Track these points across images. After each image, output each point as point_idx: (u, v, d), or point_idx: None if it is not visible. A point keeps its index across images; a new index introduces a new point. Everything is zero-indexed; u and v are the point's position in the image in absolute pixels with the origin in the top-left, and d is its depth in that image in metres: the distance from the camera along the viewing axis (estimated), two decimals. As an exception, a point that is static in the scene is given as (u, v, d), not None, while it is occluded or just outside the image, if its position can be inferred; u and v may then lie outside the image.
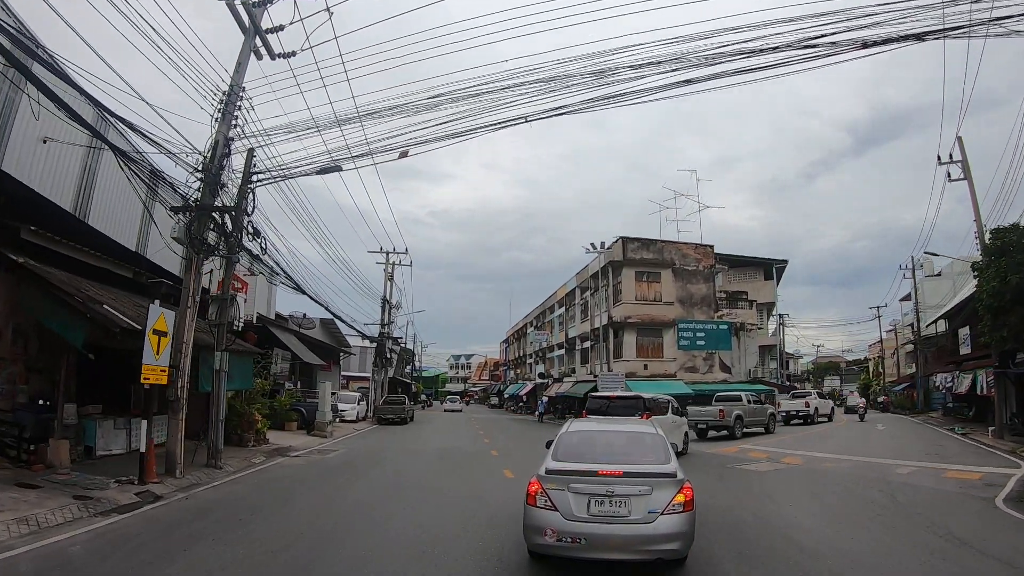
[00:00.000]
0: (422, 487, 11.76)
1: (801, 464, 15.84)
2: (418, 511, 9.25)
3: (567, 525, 5.64)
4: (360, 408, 35.63)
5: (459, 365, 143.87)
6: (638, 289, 35.57)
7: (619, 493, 5.70)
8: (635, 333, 34.89)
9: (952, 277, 47.88)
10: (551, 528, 5.67)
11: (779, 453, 18.39)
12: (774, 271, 43.39)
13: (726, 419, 23.69)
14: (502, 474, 13.80)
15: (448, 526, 8.20)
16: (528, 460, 16.55)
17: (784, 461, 16.52)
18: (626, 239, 36.53)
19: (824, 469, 14.75)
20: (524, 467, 14.76)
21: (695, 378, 35.21)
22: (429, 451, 19.43)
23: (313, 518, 8.60)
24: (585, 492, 5.75)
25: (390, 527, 8.12)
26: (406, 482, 12.39)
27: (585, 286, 41.53)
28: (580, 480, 5.82)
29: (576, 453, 6.50)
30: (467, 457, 17.64)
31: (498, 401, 79.27)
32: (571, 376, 43.84)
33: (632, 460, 6.21)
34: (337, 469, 14.63)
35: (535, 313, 60.76)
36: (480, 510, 9.35)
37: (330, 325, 42.72)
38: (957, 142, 24.16)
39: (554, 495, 5.80)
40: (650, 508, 5.64)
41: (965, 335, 28.84)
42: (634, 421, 9.59)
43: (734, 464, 15.94)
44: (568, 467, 6.05)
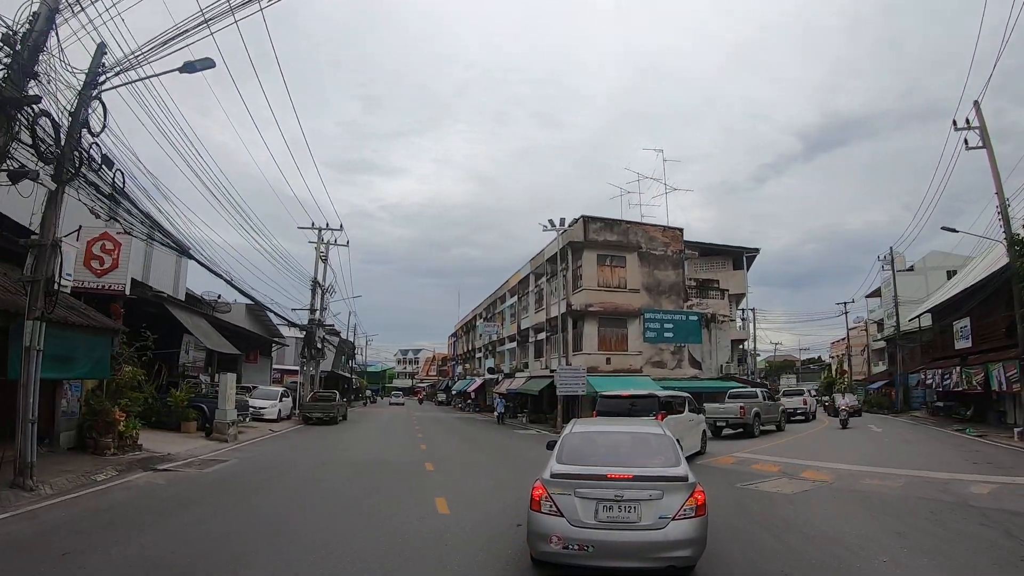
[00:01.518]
0: (306, 534, 7.56)
1: (831, 481, 12.30)
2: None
3: (574, 532, 5.39)
4: (283, 405, 31.35)
5: (407, 360, 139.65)
6: (600, 274, 31.65)
7: (629, 498, 5.45)
8: (596, 323, 30.98)
9: (924, 272, 45.93)
10: (557, 535, 5.43)
11: (789, 465, 14.74)
12: (744, 260, 40.12)
13: (746, 416, 23.07)
14: (433, 506, 9.57)
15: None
16: (474, 479, 12.53)
17: (806, 476, 12.94)
18: (588, 218, 32.60)
19: (870, 489, 11.24)
20: (469, 494, 10.88)
21: (662, 374, 31.55)
22: (346, 463, 15.23)
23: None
24: (593, 497, 5.50)
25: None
26: (286, 524, 8.18)
27: (540, 272, 37.46)
28: (588, 484, 5.58)
29: (581, 455, 6.19)
30: (392, 474, 13.33)
31: (445, 398, 75.28)
32: (524, 371, 39.78)
33: (640, 463, 5.94)
34: (204, 494, 10.57)
35: (485, 304, 56.58)
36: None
37: (259, 312, 37.90)
38: (974, 108, 21.06)
39: (560, 500, 5.56)
40: (661, 513, 5.38)
41: (964, 328, 25.97)
42: (642, 421, 9.02)
43: (744, 482, 12.18)
44: (575, 470, 5.80)
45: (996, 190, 19.82)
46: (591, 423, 8.10)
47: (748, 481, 12.29)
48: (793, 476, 13.01)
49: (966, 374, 25.35)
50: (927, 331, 35.73)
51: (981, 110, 20.88)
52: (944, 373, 28.38)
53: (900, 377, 38.55)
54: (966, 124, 21.19)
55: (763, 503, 10.19)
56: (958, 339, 27.42)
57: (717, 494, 10.56)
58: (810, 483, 12.15)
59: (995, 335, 23.50)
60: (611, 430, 7.34)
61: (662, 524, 5.37)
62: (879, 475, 12.90)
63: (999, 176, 19.92)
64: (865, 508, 9.61)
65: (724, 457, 16.56)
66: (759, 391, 26.68)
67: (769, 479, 12.63)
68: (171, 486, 11.18)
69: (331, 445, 20.03)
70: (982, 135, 20.74)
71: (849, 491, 11.19)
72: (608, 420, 11.00)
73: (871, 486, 11.64)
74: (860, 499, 10.40)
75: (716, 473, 13.60)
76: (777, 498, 10.61)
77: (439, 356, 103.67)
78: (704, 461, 15.73)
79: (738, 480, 12.46)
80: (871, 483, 11.96)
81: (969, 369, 25.12)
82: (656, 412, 14.73)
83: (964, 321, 26.49)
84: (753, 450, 18.19)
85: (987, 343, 24.53)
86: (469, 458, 16.83)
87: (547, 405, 33.63)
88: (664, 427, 7.23)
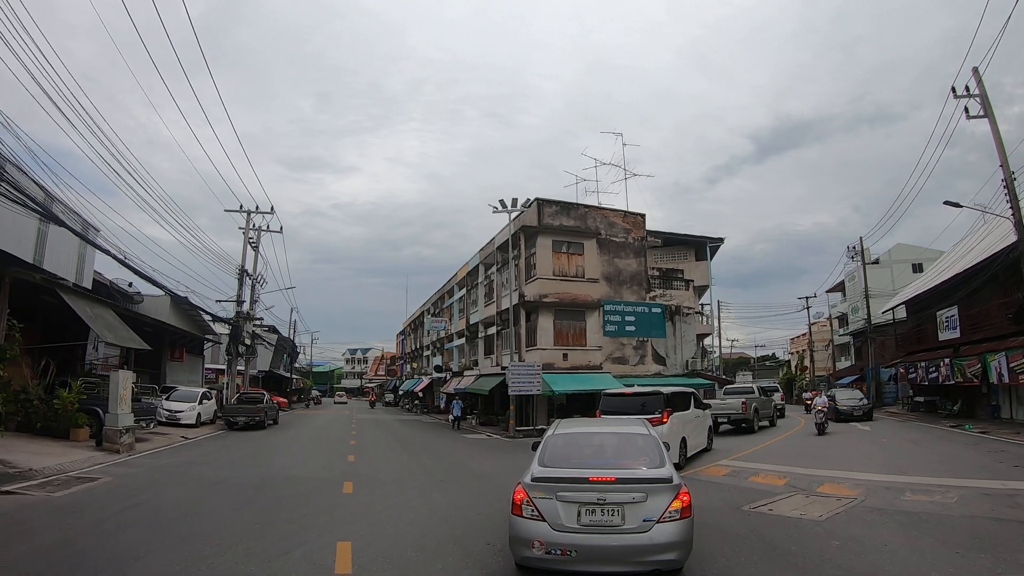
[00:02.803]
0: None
1: (861, 497, 9.73)
2: None
3: (556, 536, 5.27)
4: (204, 409, 27.72)
5: (355, 359, 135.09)
6: (556, 262, 28.75)
7: (611, 501, 5.32)
8: (552, 315, 28.07)
9: (890, 265, 44.64)
10: (539, 540, 5.30)
11: (796, 476, 12.14)
12: (707, 250, 37.81)
13: (747, 412, 23.15)
14: (329, 561, 6.41)
15: None
16: (402, 508, 9.46)
17: (826, 492, 10.30)
18: (542, 201, 29.66)
19: (920, 509, 8.77)
20: (389, 536, 7.65)
21: (624, 371, 28.87)
22: (247, 482, 11.94)
23: None
24: (575, 500, 5.37)
25: None
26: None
27: (490, 261, 34.36)
28: (569, 488, 5.44)
29: (564, 458, 6.07)
30: (297, 500, 10.07)
31: (393, 398, 71.53)
32: (473, 369, 36.64)
33: (625, 464, 5.89)
34: (19, 532, 7.57)
35: (433, 299, 53.26)
36: None
37: (187, 307, 33.88)
38: (973, 75, 18.91)
39: (541, 504, 5.42)
40: (645, 516, 5.26)
41: (951, 317, 24.00)
42: (628, 421, 8.37)
43: (752, 502, 9.48)
44: (556, 473, 5.67)
45: (1001, 162, 17.65)
46: (575, 424, 7.81)
47: (756, 501, 9.54)
48: (809, 492, 10.31)
49: (957, 366, 23.35)
50: (901, 323, 34.11)
51: (981, 78, 18.76)
52: (929, 366, 26.39)
53: (870, 372, 36.81)
54: (966, 92, 19.08)
55: (790, 535, 7.41)
56: (943, 330, 25.53)
57: (724, 523, 7.90)
58: (836, 501, 9.48)
59: (990, 323, 21.62)
60: (595, 431, 7.28)
61: (646, 527, 5.23)
62: (917, 487, 10.34)
63: (1004, 147, 17.74)
64: (934, 539, 7.04)
65: (711, 467, 13.80)
66: (755, 386, 27.42)
67: (781, 497, 9.92)
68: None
69: (242, 457, 16.79)
70: (983, 103, 18.63)
71: (894, 512, 8.55)
72: (593, 421, 10.73)
73: (919, 504, 9.02)
74: (917, 525, 7.77)
75: (710, 490, 10.79)
76: (806, 526, 7.89)
77: (388, 355, 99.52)
78: (690, 472, 12.94)
79: (743, 499, 9.70)
80: (915, 499, 9.36)
81: (961, 360, 23.11)
82: (662, 410, 14.25)
83: (951, 310, 24.57)
84: (742, 457, 15.54)
85: (980, 332, 22.65)
86: (403, 473, 13.66)
87: (499, 406, 30.63)
88: (649, 427, 7.05)
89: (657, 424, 13.80)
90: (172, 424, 24.91)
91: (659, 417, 13.98)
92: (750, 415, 23.10)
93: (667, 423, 14.00)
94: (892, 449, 16.85)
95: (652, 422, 14.49)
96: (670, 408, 14.66)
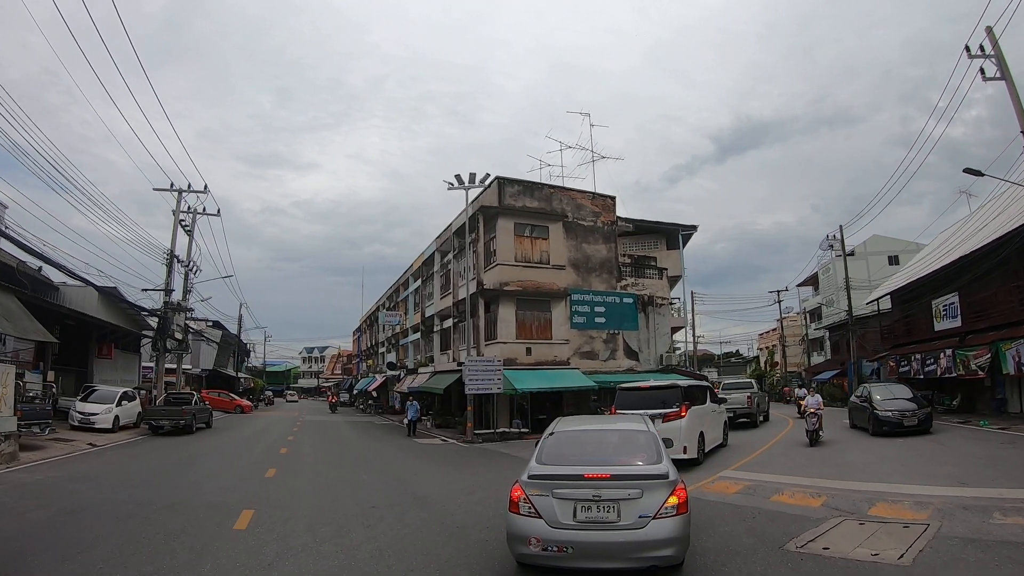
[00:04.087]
0: None
1: (932, 520, 7.52)
2: None
3: (552, 533, 5.32)
4: (125, 411, 24.63)
5: (312, 358, 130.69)
6: (519, 247, 25.95)
7: (607, 497, 5.35)
8: (514, 305, 25.26)
9: (866, 257, 43.13)
10: (535, 537, 5.35)
11: (829, 492, 9.73)
12: (680, 238, 35.45)
13: (752, 406, 23.30)
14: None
15: None
16: (304, 556, 6.71)
17: (883, 515, 8.01)
18: (504, 180, 26.89)
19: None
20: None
21: (593, 366, 26.25)
22: (118, 511, 9.15)
23: None
24: (571, 497, 5.40)
25: None
26: None
27: (447, 249, 31.42)
28: (564, 484, 5.49)
29: (561, 455, 6.10)
30: (159, 544, 7.17)
31: (349, 398, 67.95)
32: (428, 366, 33.64)
33: (622, 461, 5.93)
34: None
35: (388, 292, 50.05)
36: None
37: (114, 297, 30.31)
38: (988, 35, 16.79)
39: (537, 501, 5.47)
40: (641, 512, 5.27)
41: (951, 305, 21.97)
42: (627, 418, 8.41)
43: (790, 535, 7.18)
44: (551, 471, 5.74)
45: (1021, 128, 15.45)
46: (574, 422, 7.82)
47: (797, 533, 7.11)
48: (860, 515, 7.91)
49: (961, 357, 21.29)
50: (886, 315, 32.30)
51: (996, 38, 16.62)
52: (926, 358, 24.36)
53: (852, 366, 34.89)
54: (980, 51, 16.95)
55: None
56: (940, 319, 23.59)
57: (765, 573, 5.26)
58: (904, 529, 7.07)
59: (997, 310, 19.68)
60: (593, 428, 7.35)
61: (642, 523, 5.22)
62: (998, 504, 7.97)
63: (1021, 105, 15.56)
64: None
65: (717, 481, 11.22)
66: (753, 381, 27.56)
67: (827, 525, 7.46)
68: None
69: (140, 472, 13.80)
70: (999, 63, 16.51)
71: (998, 544, 6.29)
72: (592, 418, 11.28)
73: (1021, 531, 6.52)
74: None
75: (728, 516, 8.28)
76: (888, 574, 5.51)
77: (344, 353, 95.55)
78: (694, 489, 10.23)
79: (778, 531, 7.23)
80: (1013, 523, 6.95)
81: (966, 351, 21.04)
82: (680, 403, 13.90)
83: (950, 298, 22.60)
84: (747, 465, 13.06)
85: (986, 320, 20.67)
86: (326, 496, 10.71)
87: (457, 407, 27.70)
88: (649, 423, 7.03)
89: (675, 418, 13.61)
90: (86, 429, 21.95)
91: (677, 411, 13.71)
92: (754, 410, 23.43)
93: (685, 417, 13.66)
94: (919, 451, 14.43)
95: (670, 416, 13.61)
96: (688, 402, 14.18)
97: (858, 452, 14.88)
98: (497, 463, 15.85)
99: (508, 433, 22.83)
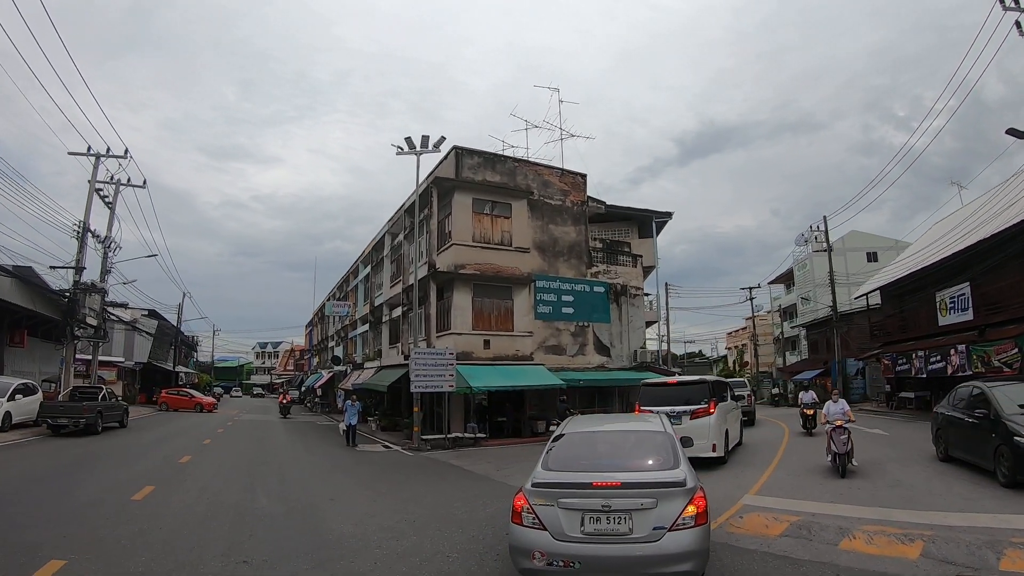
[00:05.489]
0: None
1: None
2: None
3: (557, 546, 4.82)
4: (20, 407, 21.52)
5: (265, 354, 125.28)
6: (478, 225, 22.76)
7: (618, 507, 4.82)
8: (471, 292, 22.06)
9: (844, 253, 41.17)
10: (540, 550, 4.85)
11: (914, 528, 6.71)
12: (653, 226, 32.66)
13: (751, 405, 23.13)
14: None
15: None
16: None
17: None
18: (462, 149, 23.70)
19: None
20: None
21: (560, 362, 23.25)
22: None
23: None
24: (578, 508, 4.88)
25: None
26: None
27: (397, 229, 28.08)
28: (570, 494, 4.96)
29: (570, 460, 5.62)
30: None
31: (299, 396, 63.85)
32: (375, 360, 30.20)
33: (635, 466, 5.47)
34: None
35: (339, 282, 46.40)
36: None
37: (28, 280, 26.50)
38: None
39: (541, 511, 4.97)
40: (655, 524, 4.74)
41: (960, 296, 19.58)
42: (640, 418, 7.71)
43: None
44: (556, 478, 5.22)
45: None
46: (586, 422, 7.19)
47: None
48: (992, 571, 5.34)
49: (979, 353, 18.88)
50: (876, 311, 30.10)
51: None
52: (930, 354, 21.97)
53: (836, 365, 32.62)
54: (1015, 3, 14.48)
55: None
56: (946, 313, 21.26)
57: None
58: None
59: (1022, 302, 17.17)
60: (605, 430, 6.82)
61: (657, 536, 4.73)
62: None
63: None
64: None
65: (745, 515, 8.21)
66: (747, 380, 28.09)
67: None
68: None
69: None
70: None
71: None
72: (606, 418, 11.38)
73: None
74: None
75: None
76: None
77: (297, 348, 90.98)
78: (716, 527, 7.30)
79: None
80: None
81: (985, 347, 18.63)
82: (708, 399, 13.49)
83: (959, 289, 20.25)
84: (770, 487, 10.07)
85: (1005, 312, 18.30)
86: (190, 535, 7.41)
87: (407, 407, 24.31)
88: (667, 423, 6.53)
89: (704, 415, 13.13)
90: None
91: (706, 408, 13.28)
92: (753, 408, 23.50)
93: (714, 413, 13.23)
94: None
95: (699, 413, 13.16)
96: (715, 399, 13.66)
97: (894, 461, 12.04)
98: (443, 482, 12.61)
99: (461, 439, 19.59)
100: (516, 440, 20.89)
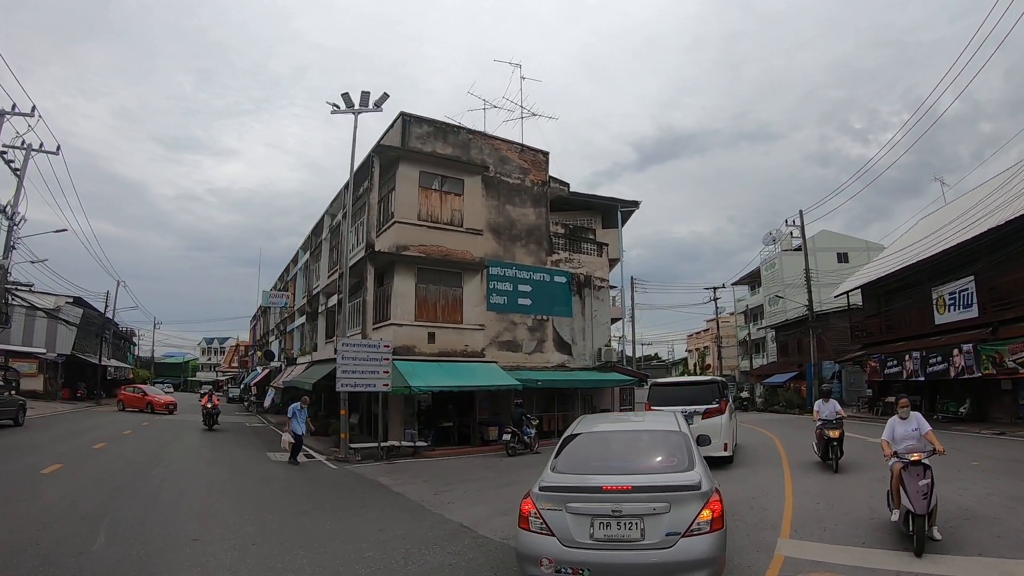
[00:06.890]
0: None
1: None
2: None
3: (566, 553, 4.54)
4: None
5: (212, 350, 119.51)
6: (425, 202, 19.90)
7: (628, 512, 4.50)
8: (414, 276, 19.17)
9: (814, 253, 39.59)
10: (547, 557, 4.59)
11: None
12: (619, 216, 30.23)
13: None
14: None
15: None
16: None
17: None
18: (409, 116, 20.83)
19: None
20: None
21: (516, 360, 20.52)
22: None
23: None
24: (587, 513, 4.59)
25: None
26: None
27: (336, 209, 25.05)
28: (579, 498, 4.68)
29: (580, 462, 5.30)
30: None
31: (239, 394, 59.84)
32: (309, 355, 27.03)
33: (647, 468, 5.20)
34: None
35: (280, 273, 42.97)
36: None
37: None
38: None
39: (549, 516, 4.69)
40: (668, 530, 4.43)
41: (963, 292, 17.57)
42: (655, 417, 7.12)
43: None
44: (565, 482, 4.92)
45: None
46: (598, 421, 6.88)
47: None
48: None
49: (988, 353, 16.85)
50: (856, 311, 28.22)
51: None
52: (929, 355, 19.93)
53: (815, 368, 30.62)
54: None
55: None
56: (944, 310, 19.29)
57: None
58: None
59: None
60: (620, 429, 6.58)
61: (670, 542, 4.43)
62: None
63: None
64: None
65: None
66: None
67: None
68: None
69: None
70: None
71: None
72: (618, 416, 11.91)
73: None
74: None
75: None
76: None
77: (242, 344, 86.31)
78: None
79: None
80: None
81: (997, 345, 16.60)
82: (719, 399, 13.32)
83: (962, 284, 18.26)
84: (807, 529, 7.25)
85: (1018, 309, 16.37)
86: None
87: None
88: (682, 422, 6.15)
89: (716, 415, 12.96)
90: None
91: (718, 407, 13.13)
92: None
93: (726, 413, 13.12)
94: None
95: (711, 412, 12.96)
96: (725, 399, 13.64)
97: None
98: (359, 514, 9.50)
99: (398, 449, 16.66)
100: (464, 449, 18.12)
